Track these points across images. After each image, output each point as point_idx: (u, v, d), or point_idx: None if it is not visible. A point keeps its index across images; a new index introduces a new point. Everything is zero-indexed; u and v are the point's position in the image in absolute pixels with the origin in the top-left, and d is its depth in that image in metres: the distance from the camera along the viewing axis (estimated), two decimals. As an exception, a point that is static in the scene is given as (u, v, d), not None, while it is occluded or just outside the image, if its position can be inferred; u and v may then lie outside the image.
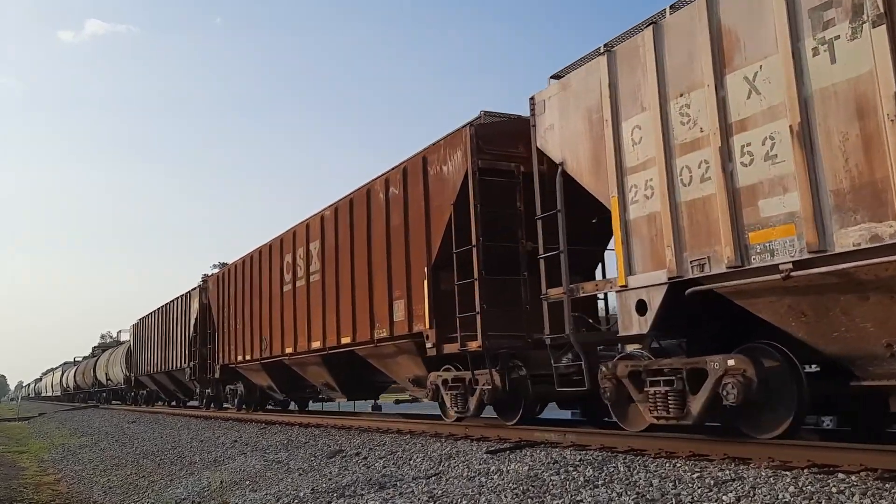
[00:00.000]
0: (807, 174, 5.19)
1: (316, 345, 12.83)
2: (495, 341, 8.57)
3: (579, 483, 5.43)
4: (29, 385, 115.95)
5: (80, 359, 60.26)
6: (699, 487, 4.82)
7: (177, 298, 24.01)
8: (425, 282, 9.46)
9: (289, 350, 14.07)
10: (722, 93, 5.87)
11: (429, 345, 9.40)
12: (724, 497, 4.55)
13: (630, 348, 7.19)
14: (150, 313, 28.28)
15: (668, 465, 5.61)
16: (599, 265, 9.59)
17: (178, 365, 22.94)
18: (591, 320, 8.31)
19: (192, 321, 21.52)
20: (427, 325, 9.39)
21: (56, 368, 73.89)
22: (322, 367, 13.22)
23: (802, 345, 5.68)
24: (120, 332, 53.89)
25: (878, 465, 4.70)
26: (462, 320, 8.82)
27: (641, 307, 6.65)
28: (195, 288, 21.80)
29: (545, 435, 7.76)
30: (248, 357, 16.48)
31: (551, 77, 8.15)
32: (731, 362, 5.88)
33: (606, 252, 9.37)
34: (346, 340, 11.74)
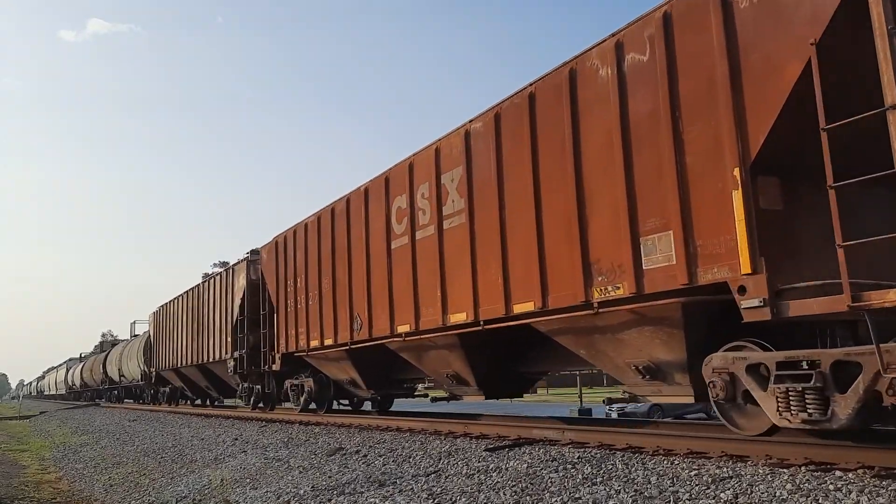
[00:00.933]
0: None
1: (458, 318, 8.85)
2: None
3: (578, 480, 5.45)
4: (31, 383, 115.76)
5: (86, 354, 57.76)
6: (697, 485, 4.84)
7: (213, 276, 19.90)
8: (737, 194, 5.62)
9: (403, 328, 10.07)
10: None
11: (751, 303, 5.52)
12: (721, 494, 4.57)
13: None
14: (177, 297, 24.11)
15: (665, 462, 5.63)
16: None
17: (216, 356, 18.81)
18: None
19: (237, 302, 17.40)
20: (748, 267, 5.54)
21: (60, 365, 70.50)
22: (455, 351, 9.43)
23: None
24: (134, 323, 51.24)
25: (876, 463, 4.71)
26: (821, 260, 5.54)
27: None
28: (240, 261, 17.79)
29: (544, 432, 7.79)
30: (325, 342, 12.57)
31: None
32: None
33: None
34: (522, 308, 7.78)
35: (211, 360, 19.41)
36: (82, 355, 59.04)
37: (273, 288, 15.06)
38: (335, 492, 6.60)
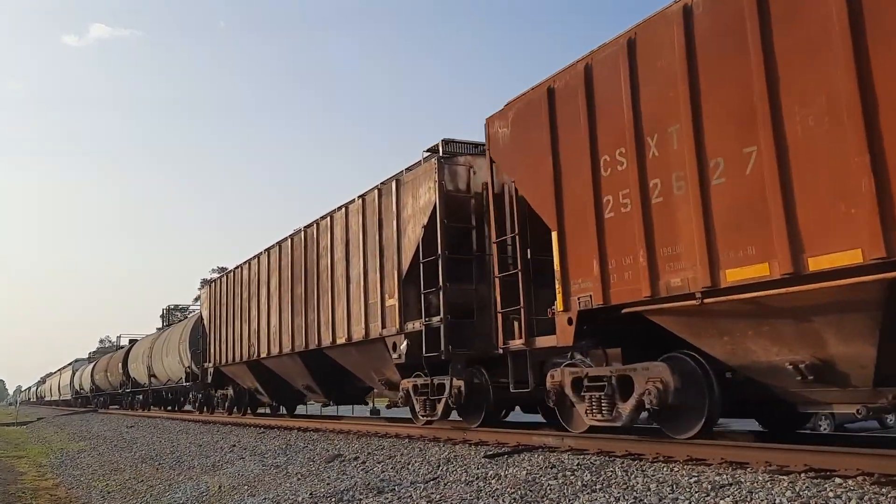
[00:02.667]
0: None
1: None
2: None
3: (577, 487, 5.44)
4: (30, 389, 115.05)
5: (93, 353, 52.20)
6: (696, 492, 4.83)
7: (344, 206, 12.47)
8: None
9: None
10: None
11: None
12: (721, 502, 4.56)
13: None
14: (251, 259, 17.15)
15: (665, 469, 5.62)
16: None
17: (348, 336, 11.87)
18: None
19: (410, 237, 10.32)
20: None
21: (65, 368, 61.77)
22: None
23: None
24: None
25: (875, 470, 4.70)
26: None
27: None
28: (418, 165, 10.53)
29: (543, 439, 7.77)
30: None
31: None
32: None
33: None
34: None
35: (335, 342, 12.36)
36: (91, 354, 53.94)
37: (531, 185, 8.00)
38: (334, 499, 6.57)
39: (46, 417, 38.99)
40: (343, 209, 12.45)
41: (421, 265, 9.75)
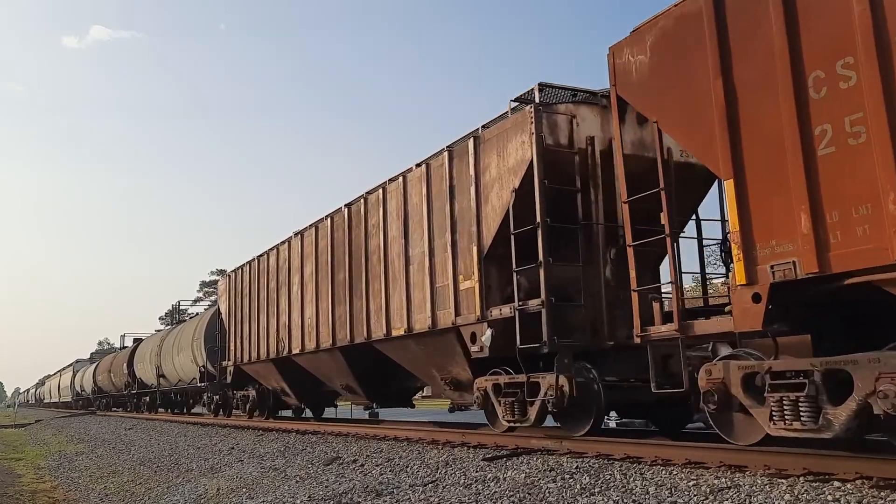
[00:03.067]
0: None
1: None
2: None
3: (576, 490, 5.44)
4: (28, 391, 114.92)
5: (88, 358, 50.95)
6: (695, 495, 4.83)
7: (413, 169, 10.48)
8: None
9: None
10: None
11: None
12: (719, 505, 4.55)
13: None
14: (287, 241, 14.80)
15: (664, 472, 5.61)
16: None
17: (408, 326, 10.24)
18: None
19: (495, 203, 8.67)
20: None
21: (65, 369, 60.29)
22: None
23: None
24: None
25: (874, 474, 4.70)
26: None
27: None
28: (509, 115, 8.75)
29: (542, 442, 7.76)
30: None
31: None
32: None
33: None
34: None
35: (389, 334, 10.77)
36: (93, 355, 52.60)
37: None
38: (332, 501, 6.57)
39: (45, 419, 38.93)
40: (399, 179, 10.69)
41: (512, 238, 8.15)
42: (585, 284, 7.99)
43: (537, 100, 8.31)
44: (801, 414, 5.35)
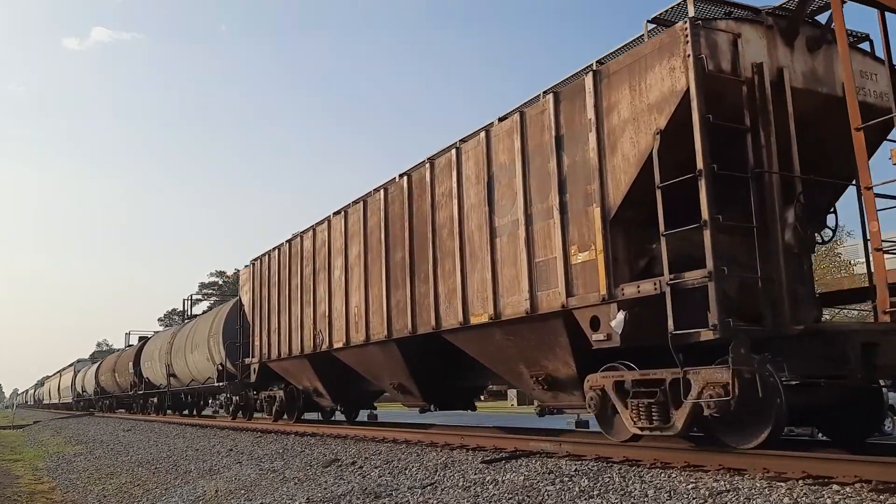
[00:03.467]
0: None
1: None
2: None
3: (575, 493, 5.43)
4: (27, 391, 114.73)
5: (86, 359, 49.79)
6: (694, 498, 4.82)
7: (496, 123, 8.90)
8: None
9: None
10: None
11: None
12: (718, 508, 4.54)
13: None
14: (326, 220, 13.11)
15: (663, 475, 5.61)
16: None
17: (507, 310, 8.40)
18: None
19: (634, 158, 6.91)
20: None
21: (65, 369, 58.94)
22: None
23: None
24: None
25: (873, 477, 4.70)
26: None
27: None
28: (619, 51, 7.61)
29: (541, 444, 7.76)
30: None
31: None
32: None
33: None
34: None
35: (467, 322, 8.98)
36: (94, 355, 51.68)
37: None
38: (330, 504, 6.56)
39: (43, 421, 38.88)
40: (480, 136, 8.95)
41: (659, 193, 6.34)
42: (760, 252, 6.23)
43: (691, 12, 6.56)
44: None
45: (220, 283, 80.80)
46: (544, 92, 8.24)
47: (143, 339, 32.80)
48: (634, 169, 6.73)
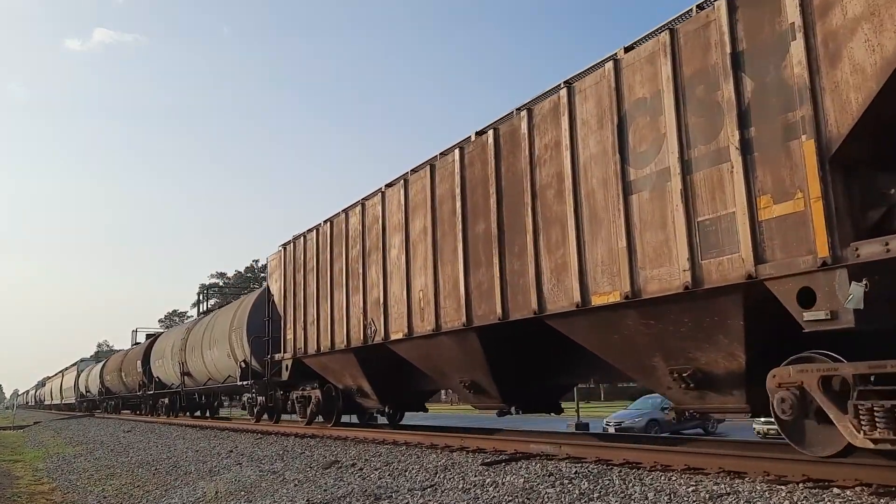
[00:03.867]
0: None
1: None
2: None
3: (574, 496, 5.43)
4: (28, 392, 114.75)
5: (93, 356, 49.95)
6: (694, 501, 4.82)
7: (631, 51, 6.92)
8: None
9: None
10: None
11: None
12: (718, 511, 4.54)
13: None
14: (378, 191, 11.33)
15: (663, 478, 5.61)
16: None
17: (649, 287, 6.47)
18: None
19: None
20: None
21: (68, 369, 57.46)
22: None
23: None
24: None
25: (873, 481, 4.70)
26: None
27: None
28: None
29: (541, 447, 7.76)
30: None
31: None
32: None
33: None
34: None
35: (584, 303, 7.17)
36: (98, 354, 51.44)
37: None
38: (330, 505, 6.56)
39: (43, 422, 38.90)
40: (606, 66, 7.13)
41: None
42: None
43: None
44: None
45: (221, 284, 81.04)
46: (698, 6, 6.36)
47: (153, 337, 30.85)
48: (874, 83, 4.91)
